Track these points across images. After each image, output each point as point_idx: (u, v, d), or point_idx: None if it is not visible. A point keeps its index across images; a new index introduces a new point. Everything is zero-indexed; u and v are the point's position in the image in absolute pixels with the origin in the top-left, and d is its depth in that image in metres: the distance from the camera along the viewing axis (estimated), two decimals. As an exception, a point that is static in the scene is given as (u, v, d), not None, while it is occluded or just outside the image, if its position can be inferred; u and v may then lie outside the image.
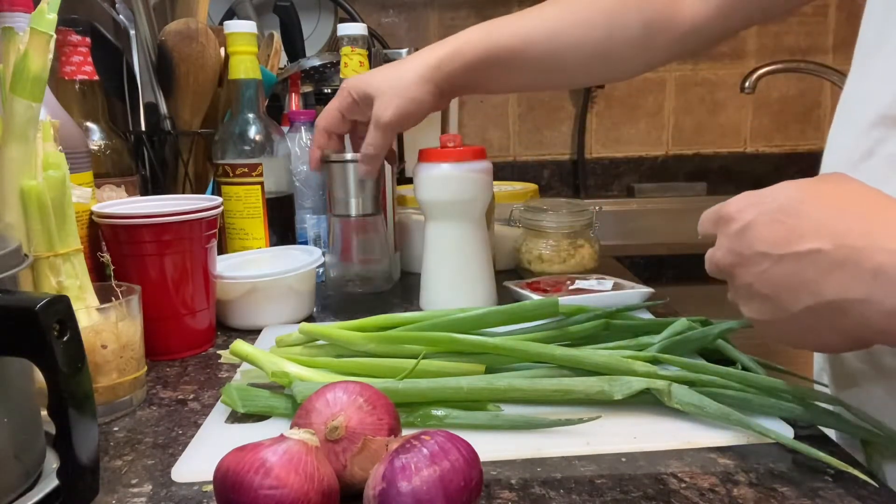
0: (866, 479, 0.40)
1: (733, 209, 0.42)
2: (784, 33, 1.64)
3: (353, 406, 0.40)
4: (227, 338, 0.69)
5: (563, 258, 0.84)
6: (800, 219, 0.38)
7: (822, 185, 0.40)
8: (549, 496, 0.40)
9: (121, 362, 0.52)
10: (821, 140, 1.68)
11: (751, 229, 0.40)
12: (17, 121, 0.49)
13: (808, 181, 0.40)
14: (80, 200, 0.61)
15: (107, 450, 0.47)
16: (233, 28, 0.79)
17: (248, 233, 0.80)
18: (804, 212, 0.38)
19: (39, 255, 0.50)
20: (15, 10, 0.58)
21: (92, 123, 0.77)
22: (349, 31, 0.81)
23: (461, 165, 0.70)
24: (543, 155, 1.67)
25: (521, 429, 0.47)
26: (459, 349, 0.54)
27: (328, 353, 0.57)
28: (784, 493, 0.40)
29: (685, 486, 0.41)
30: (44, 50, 0.49)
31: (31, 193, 0.49)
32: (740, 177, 1.67)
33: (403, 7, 1.61)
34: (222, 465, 0.36)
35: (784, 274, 0.38)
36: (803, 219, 0.38)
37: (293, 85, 1.03)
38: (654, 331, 0.58)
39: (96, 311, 0.52)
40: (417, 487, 0.33)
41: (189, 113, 0.90)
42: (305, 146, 0.93)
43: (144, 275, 0.61)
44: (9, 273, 0.37)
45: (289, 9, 1.12)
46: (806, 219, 0.38)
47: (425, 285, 0.75)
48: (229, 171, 0.79)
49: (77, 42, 0.73)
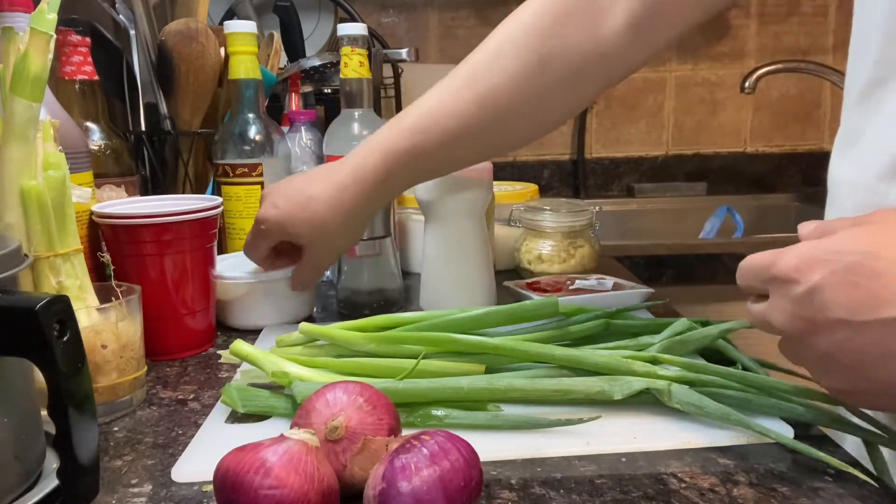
0: (866, 479, 0.40)
1: (791, 267, 0.37)
2: (784, 33, 1.64)
3: (353, 406, 0.40)
4: (227, 338, 0.69)
5: (563, 258, 0.84)
6: (879, 280, 0.34)
7: (893, 234, 0.36)
8: (549, 496, 0.40)
9: (121, 362, 0.52)
10: (821, 140, 1.68)
11: (821, 293, 0.36)
12: (17, 121, 0.49)
13: (877, 228, 0.37)
14: (80, 200, 0.61)
15: (107, 450, 0.47)
16: (233, 28, 0.79)
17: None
18: (883, 271, 0.34)
19: (39, 255, 0.50)
20: (15, 10, 0.58)
21: (92, 123, 0.77)
22: (349, 31, 0.81)
23: (461, 165, 0.70)
24: (543, 155, 1.67)
25: (521, 429, 0.47)
26: (459, 349, 0.54)
27: (328, 353, 0.57)
28: (784, 493, 0.40)
29: (685, 486, 0.41)
30: (44, 50, 0.49)
31: (31, 193, 0.49)
32: (740, 177, 1.67)
33: (403, 7, 1.61)
34: (222, 465, 0.36)
35: (867, 343, 0.35)
36: (884, 280, 0.34)
37: (293, 85, 1.03)
38: (654, 331, 0.58)
39: (96, 311, 0.52)
40: (417, 487, 0.33)
41: (189, 113, 0.90)
42: (305, 146, 0.93)
43: (144, 275, 0.61)
44: (9, 273, 0.37)
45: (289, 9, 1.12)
46: (886, 280, 0.34)
47: (425, 285, 0.75)
48: (229, 171, 0.79)
49: (77, 42, 0.73)
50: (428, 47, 1.62)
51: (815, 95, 1.66)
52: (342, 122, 0.84)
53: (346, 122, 0.83)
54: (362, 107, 0.83)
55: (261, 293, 0.70)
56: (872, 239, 0.36)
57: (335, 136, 0.84)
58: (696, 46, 1.64)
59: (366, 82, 0.83)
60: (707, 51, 1.65)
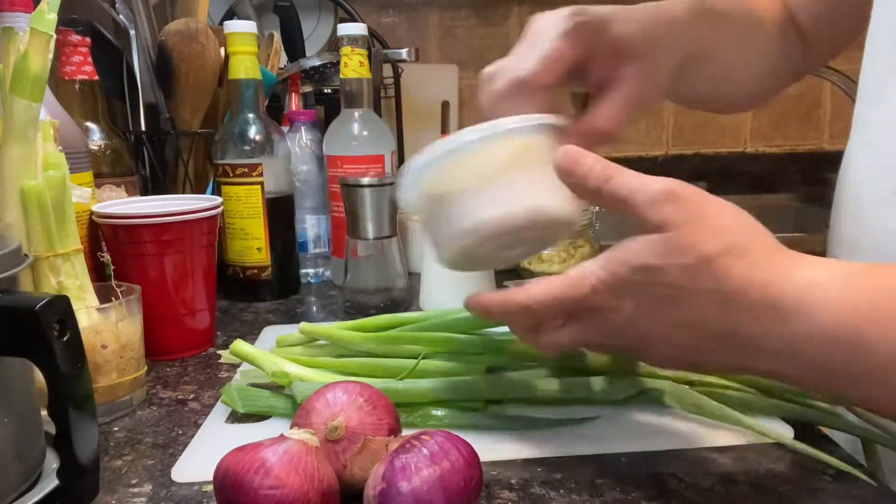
0: (866, 479, 0.40)
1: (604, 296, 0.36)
2: (784, 33, 1.64)
3: (353, 406, 0.40)
4: (227, 338, 0.69)
5: (563, 258, 0.84)
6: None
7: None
8: (549, 496, 0.40)
9: (121, 362, 0.52)
10: (820, 140, 1.68)
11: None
12: (17, 121, 0.49)
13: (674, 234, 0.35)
14: (80, 200, 0.61)
15: (107, 450, 0.47)
16: (233, 28, 0.79)
17: (248, 233, 0.80)
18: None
19: (39, 255, 0.50)
20: (15, 10, 0.59)
21: (92, 123, 0.77)
22: (349, 31, 0.81)
23: (461, 165, 0.70)
24: (543, 155, 1.67)
25: (521, 429, 0.47)
26: (459, 349, 0.54)
27: (328, 353, 0.57)
28: (784, 493, 0.40)
29: (685, 486, 0.41)
30: (44, 50, 0.49)
31: (31, 193, 0.49)
32: (740, 177, 1.67)
33: (403, 7, 1.61)
34: (222, 465, 0.36)
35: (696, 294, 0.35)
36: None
37: (293, 85, 1.03)
38: (654, 331, 0.58)
39: (96, 311, 0.52)
40: (417, 487, 0.33)
41: (189, 113, 0.90)
42: (305, 146, 0.93)
43: (144, 275, 0.61)
44: (9, 273, 0.37)
45: (289, 9, 1.12)
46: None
47: (425, 285, 0.75)
48: (229, 171, 0.79)
49: (77, 42, 0.73)
50: (428, 47, 1.61)
51: (815, 95, 1.66)
52: (342, 122, 0.84)
53: (346, 122, 0.83)
54: (362, 107, 0.83)
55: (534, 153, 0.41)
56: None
57: (335, 136, 0.84)
58: (696, 46, 1.64)
59: (366, 82, 0.83)
60: (707, 51, 1.64)
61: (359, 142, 0.83)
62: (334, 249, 0.88)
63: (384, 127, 0.86)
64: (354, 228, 0.75)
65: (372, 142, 0.83)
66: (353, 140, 0.83)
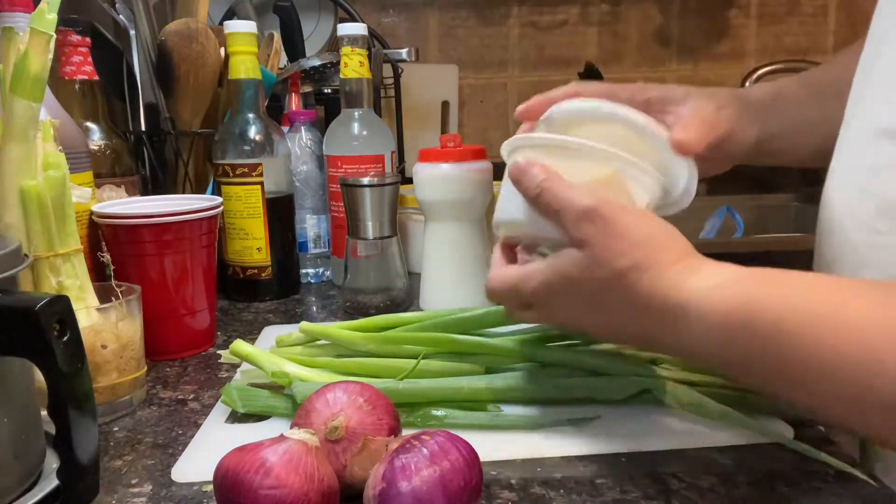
0: (866, 479, 0.40)
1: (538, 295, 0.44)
2: (784, 33, 1.64)
3: (353, 406, 0.40)
4: (227, 338, 0.69)
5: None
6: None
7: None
8: (549, 496, 0.40)
9: (121, 362, 0.52)
10: (821, 140, 1.67)
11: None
12: (17, 121, 0.49)
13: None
14: (80, 200, 0.61)
15: (107, 450, 0.47)
16: (233, 28, 0.79)
17: (248, 233, 0.80)
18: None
19: (39, 255, 0.50)
20: (15, 10, 0.58)
21: (92, 123, 0.77)
22: (349, 31, 0.81)
23: (461, 165, 0.70)
24: (543, 155, 1.66)
25: (521, 429, 0.47)
26: (459, 349, 0.54)
27: (328, 353, 0.57)
28: (784, 493, 0.40)
29: (685, 486, 0.41)
30: (44, 50, 0.49)
31: (31, 193, 0.49)
32: (740, 177, 1.66)
33: (403, 7, 1.61)
34: (222, 465, 0.36)
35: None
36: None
37: (293, 85, 1.03)
38: (654, 331, 0.58)
39: (96, 311, 0.52)
40: (417, 487, 0.33)
41: (189, 113, 0.90)
42: (305, 146, 0.93)
43: (144, 275, 0.61)
44: (9, 273, 0.37)
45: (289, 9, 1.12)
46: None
47: (425, 285, 0.75)
48: (229, 171, 0.79)
49: (77, 42, 0.73)
50: (428, 47, 1.61)
51: (815, 95, 1.66)
52: (342, 122, 0.84)
53: (346, 122, 0.83)
54: (362, 107, 0.83)
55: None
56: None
57: (335, 136, 0.84)
58: (697, 46, 1.64)
59: (366, 82, 0.83)
60: (707, 51, 1.64)
61: (359, 142, 0.83)
62: (334, 249, 0.88)
63: (384, 127, 0.86)
64: (354, 228, 0.75)
65: (372, 142, 0.83)
66: (353, 140, 0.83)
